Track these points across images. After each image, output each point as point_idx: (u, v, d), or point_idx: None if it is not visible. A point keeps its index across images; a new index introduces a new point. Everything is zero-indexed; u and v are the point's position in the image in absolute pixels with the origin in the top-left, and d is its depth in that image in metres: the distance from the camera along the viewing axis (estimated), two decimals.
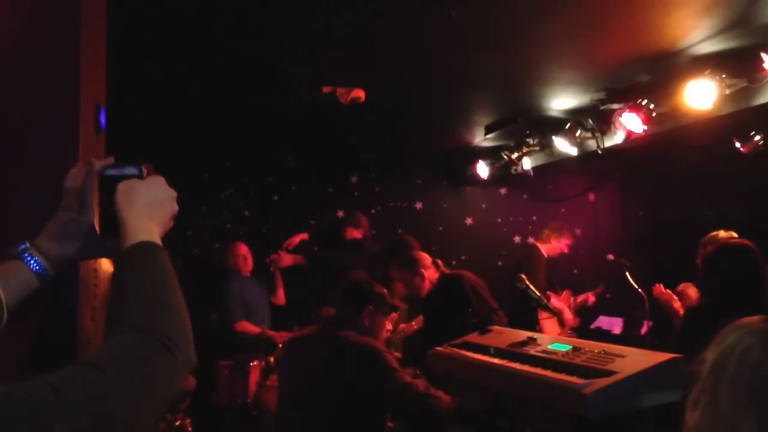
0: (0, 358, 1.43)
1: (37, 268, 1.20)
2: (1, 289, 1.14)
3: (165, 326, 0.99)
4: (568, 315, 6.19)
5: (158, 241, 1.13)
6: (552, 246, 6.34)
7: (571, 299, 6.48)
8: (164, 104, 4.98)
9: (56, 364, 0.89)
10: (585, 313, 6.43)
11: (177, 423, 3.88)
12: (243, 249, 5.91)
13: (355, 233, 5.94)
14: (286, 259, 5.86)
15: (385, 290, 3.43)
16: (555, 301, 6.05)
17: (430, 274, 4.68)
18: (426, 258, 4.71)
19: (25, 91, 1.89)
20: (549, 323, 5.73)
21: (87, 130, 1.96)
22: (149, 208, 1.16)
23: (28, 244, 1.21)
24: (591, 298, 6.59)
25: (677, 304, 4.41)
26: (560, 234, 6.36)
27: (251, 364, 5.11)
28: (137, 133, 5.19)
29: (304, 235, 6.05)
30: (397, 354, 4.58)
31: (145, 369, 0.94)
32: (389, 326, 4.53)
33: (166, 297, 1.04)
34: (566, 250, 6.43)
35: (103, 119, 2.06)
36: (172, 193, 1.22)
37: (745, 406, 1.25)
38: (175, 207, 1.22)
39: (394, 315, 4.72)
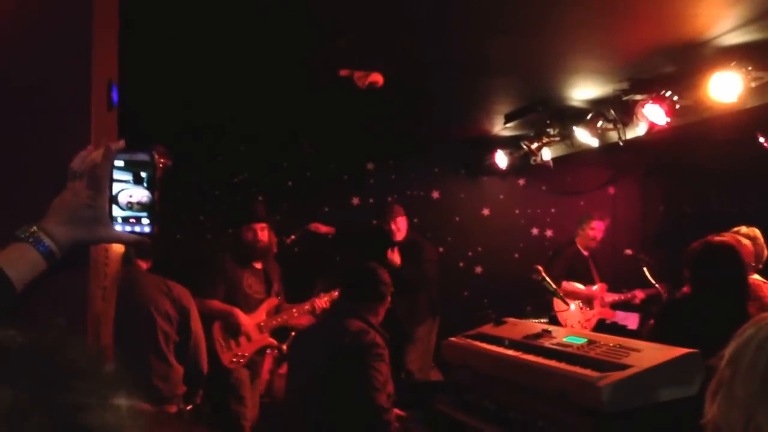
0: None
1: (44, 250, 1.17)
2: (11, 269, 1.13)
3: None
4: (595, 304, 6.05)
5: None
6: (581, 237, 6.21)
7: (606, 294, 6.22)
8: (178, 85, 4.96)
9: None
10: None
11: (189, 407, 3.87)
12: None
13: (399, 223, 5.80)
14: (322, 228, 5.97)
15: (388, 277, 3.40)
16: (576, 288, 5.97)
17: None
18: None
19: (35, 66, 1.86)
20: (572, 312, 5.65)
21: (99, 106, 1.93)
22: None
23: (35, 227, 1.18)
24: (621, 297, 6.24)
25: None
26: (583, 222, 6.22)
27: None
28: (151, 114, 5.19)
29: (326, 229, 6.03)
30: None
31: None
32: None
33: None
34: (597, 235, 6.17)
35: (115, 96, 2.03)
36: None
37: (760, 395, 1.26)
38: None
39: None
